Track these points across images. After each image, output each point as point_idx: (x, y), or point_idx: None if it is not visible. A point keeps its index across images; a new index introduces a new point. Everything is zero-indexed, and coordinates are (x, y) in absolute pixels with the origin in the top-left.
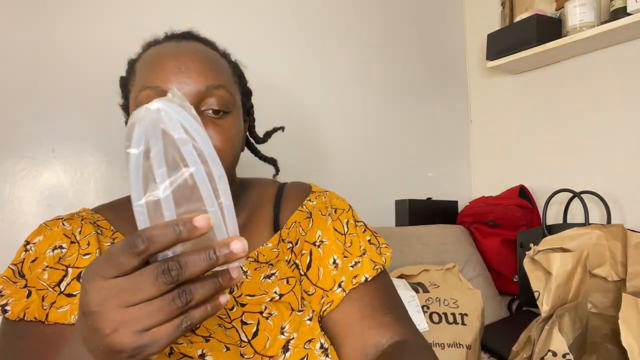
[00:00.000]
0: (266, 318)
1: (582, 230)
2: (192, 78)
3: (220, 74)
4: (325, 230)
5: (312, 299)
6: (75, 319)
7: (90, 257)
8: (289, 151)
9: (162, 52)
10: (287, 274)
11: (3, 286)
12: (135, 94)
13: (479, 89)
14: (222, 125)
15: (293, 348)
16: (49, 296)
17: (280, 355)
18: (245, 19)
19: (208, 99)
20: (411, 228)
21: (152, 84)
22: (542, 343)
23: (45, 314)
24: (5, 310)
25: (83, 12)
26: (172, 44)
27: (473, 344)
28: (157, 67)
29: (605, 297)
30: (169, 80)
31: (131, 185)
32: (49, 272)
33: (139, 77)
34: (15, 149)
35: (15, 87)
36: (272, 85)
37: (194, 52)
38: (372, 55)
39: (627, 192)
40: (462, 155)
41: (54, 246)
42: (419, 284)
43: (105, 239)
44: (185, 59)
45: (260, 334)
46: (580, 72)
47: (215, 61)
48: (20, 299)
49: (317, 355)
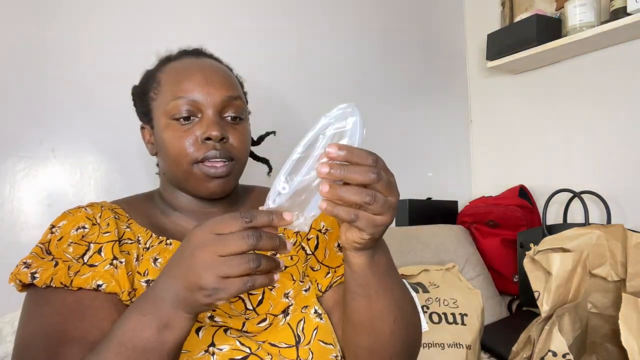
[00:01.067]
0: (270, 289)
1: (582, 230)
2: (216, 89)
3: (236, 86)
4: (327, 220)
5: (318, 274)
6: (95, 284)
7: (109, 235)
8: (288, 152)
9: (187, 66)
10: (291, 252)
11: (32, 260)
12: (166, 103)
13: (479, 89)
14: (239, 129)
15: (292, 312)
16: (73, 266)
17: (282, 318)
18: (241, 18)
19: (229, 107)
20: (411, 228)
21: (182, 94)
22: (542, 343)
23: (70, 281)
24: (34, 277)
25: (83, 12)
26: (192, 59)
27: (473, 344)
28: (186, 80)
29: (605, 297)
30: (197, 91)
31: (285, 163)
32: (74, 247)
33: (167, 88)
34: (15, 149)
35: (15, 87)
36: (271, 86)
37: (215, 67)
38: (372, 55)
39: (627, 192)
40: (462, 155)
41: (78, 226)
42: (419, 284)
43: (121, 222)
44: (209, 72)
45: (265, 302)
46: (580, 72)
47: (231, 76)
48: (48, 268)
49: (312, 318)
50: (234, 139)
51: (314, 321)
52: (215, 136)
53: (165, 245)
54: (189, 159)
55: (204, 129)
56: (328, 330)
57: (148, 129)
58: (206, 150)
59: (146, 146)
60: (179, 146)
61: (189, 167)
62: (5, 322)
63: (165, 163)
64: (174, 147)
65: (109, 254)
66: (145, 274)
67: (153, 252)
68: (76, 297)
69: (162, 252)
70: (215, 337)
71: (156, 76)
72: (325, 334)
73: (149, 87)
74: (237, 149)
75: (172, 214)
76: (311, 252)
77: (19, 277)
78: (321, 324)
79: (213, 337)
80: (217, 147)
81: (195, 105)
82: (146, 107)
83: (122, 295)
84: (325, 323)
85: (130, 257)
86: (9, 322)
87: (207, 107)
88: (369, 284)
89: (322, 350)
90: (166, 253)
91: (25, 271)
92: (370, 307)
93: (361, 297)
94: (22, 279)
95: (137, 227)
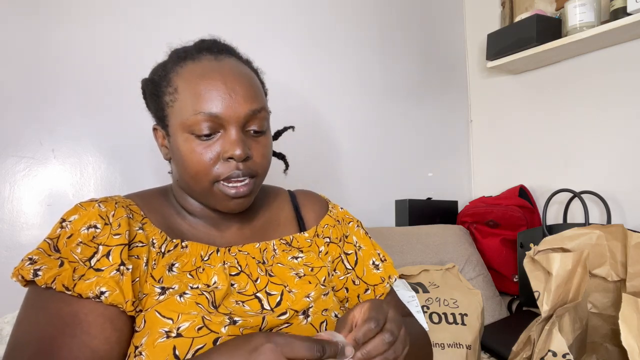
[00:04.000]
0: (289, 292)
1: (582, 230)
2: (240, 103)
3: (260, 96)
4: (359, 237)
5: (358, 288)
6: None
7: (119, 237)
8: (288, 152)
9: (207, 73)
10: (314, 263)
11: (38, 256)
12: (185, 116)
13: (479, 89)
14: (261, 142)
15: (313, 314)
16: (79, 269)
17: (303, 319)
18: (248, 21)
19: (252, 122)
20: (411, 228)
21: (204, 110)
22: (542, 343)
23: (73, 284)
24: (37, 274)
25: (83, 12)
26: (211, 60)
27: (473, 344)
28: (207, 93)
29: (605, 297)
30: (219, 106)
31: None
32: (82, 248)
33: (186, 98)
34: (15, 149)
35: (15, 87)
36: (272, 87)
37: (237, 73)
38: (373, 55)
39: (627, 192)
40: (462, 155)
41: (89, 225)
42: (419, 284)
43: (135, 222)
44: (232, 82)
45: (283, 303)
46: (580, 72)
47: (256, 84)
48: (53, 267)
49: (334, 321)
50: (257, 155)
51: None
52: (239, 156)
53: (181, 249)
54: (210, 177)
55: (226, 148)
56: None
57: (162, 132)
58: (229, 169)
59: (159, 148)
60: (199, 163)
61: (209, 185)
62: (5, 322)
63: (182, 176)
64: (194, 163)
65: (117, 259)
66: (160, 281)
67: (169, 258)
68: (72, 309)
69: (179, 256)
70: None
71: (171, 79)
72: None
73: (163, 89)
74: (259, 165)
75: (187, 217)
76: (351, 268)
77: (22, 273)
78: None
79: None
80: (240, 166)
81: (217, 121)
82: (161, 112)
83: (126, 305)
84: None
85: (139, 261)
86: (9, 322)
87: (230, 123)
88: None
89: None
90: (183, 257)
91: (29, 267)
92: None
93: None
94: (24, 274)
95: (152, 227)
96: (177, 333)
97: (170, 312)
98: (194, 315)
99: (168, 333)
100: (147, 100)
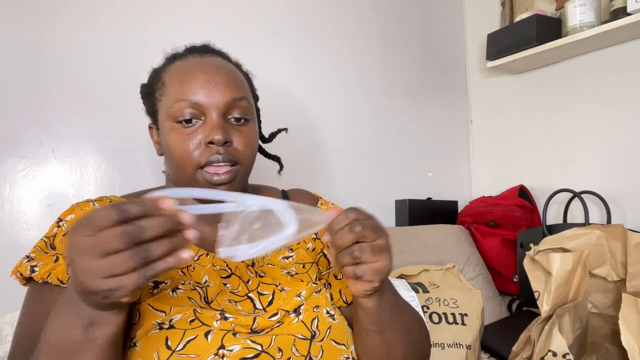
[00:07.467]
0: (280, 291)
1: (582, 230)
2: (220, 91)
3: (241, 86)
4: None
5: (342, 282)
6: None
7: None
8: (289, 151)
9: (191, 67)
10: (305, 259)
11: (35, 254)
12: (169, 105)
13: (479, 89)
14: (244, 131)
15: (304, 312)
16: None
17: (294, 317)
18: (247, 22)
19: (233, 109)
20: (411, 228)
21: (185, 97)
22: (542, 343)
23: (68, 277)
24: (33, 270)
25: (83, 13)
26: (197, 58)
27: (473, 344)
28: (189, 81)
29: (605, 297)
30: (199, 93)
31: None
32: None
33: (171, 90)
34: (15, 149)
35: (15, 87)
36: (273, 87)
37: (219, 66)
38: (373, 55)
39: (627, 192)
40: (462, 155)
41: None
42: (419, 284)
43: None
44: (213, 73)
45: (275, 302)
46: (580, 72)
47: (237, 75)
48: (49, 263)
49: (325, 318)
50: (239, 142)
51: (327, 320)
52: (218, 140)
53: None
54: (192, 163)
55: (206, 133)
56: (341, 330)
57: (155, 129)
58: (209, 154)
59: (154, 146)
60: (182, 149)
61: (192, 172)
62: (5, 322)
63: (169, 166)
64: (177, 150)
65: None
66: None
67: None
68: None
69: None
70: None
71: (161, 76)
72: (339, 334)
73: (154, 87)
74: (241, 153)
75: None
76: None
77: (20, 270)
78: (334, 324)
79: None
80: (221, 151)
81: (198, 107)
82: (153, 108)
83: None
84: (338, 323)
85: None
86: (9, 322)
87: (210, 109)
88: (381, 320)
89: (334, 349)
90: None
91: (26, 264)
92: (384, 339)
93: (375, 333)
94: (22, 271)
95: None
96: (169, 325)
97: (162, 305)
98: (185, 308)
99: (161, 325)
100: (144, 103)
